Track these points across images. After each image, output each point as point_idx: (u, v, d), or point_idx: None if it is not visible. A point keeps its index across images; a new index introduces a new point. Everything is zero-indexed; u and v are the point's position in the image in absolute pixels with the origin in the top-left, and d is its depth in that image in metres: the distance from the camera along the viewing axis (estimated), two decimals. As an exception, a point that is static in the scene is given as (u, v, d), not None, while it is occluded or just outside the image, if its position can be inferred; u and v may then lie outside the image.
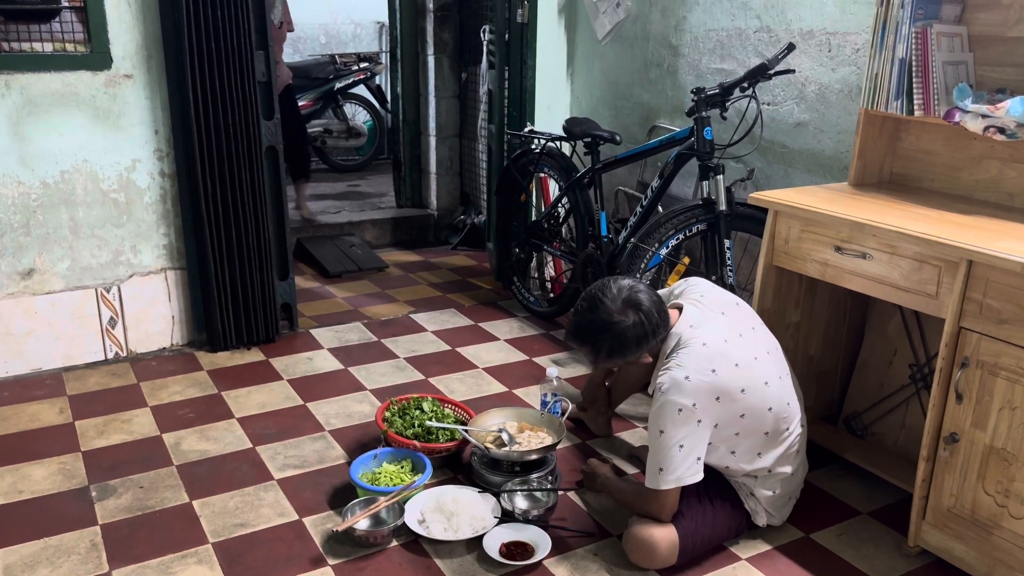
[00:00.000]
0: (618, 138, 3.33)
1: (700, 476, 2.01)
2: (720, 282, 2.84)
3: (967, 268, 1.93)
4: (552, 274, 4.10)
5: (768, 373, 2.09)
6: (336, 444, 2.67)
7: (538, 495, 2.32)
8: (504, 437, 2.46)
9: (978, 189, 2.40)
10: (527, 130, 3.84)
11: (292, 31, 4.91)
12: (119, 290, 3.19)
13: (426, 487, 2.33)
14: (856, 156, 2.55)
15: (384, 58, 6.57)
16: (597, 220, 3.38)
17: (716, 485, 2.13)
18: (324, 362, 3.30)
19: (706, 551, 2.13)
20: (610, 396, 2.74)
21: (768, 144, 3.07)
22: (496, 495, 2.29)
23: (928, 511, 2.10)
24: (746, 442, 2.08)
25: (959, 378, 1.98)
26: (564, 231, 3.81)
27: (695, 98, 2.88)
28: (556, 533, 2.19)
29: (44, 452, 2.58)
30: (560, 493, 2.37)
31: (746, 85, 2.80)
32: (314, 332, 3.59)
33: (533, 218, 3.99)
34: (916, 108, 2.30)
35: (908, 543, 2.16)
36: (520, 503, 2.29)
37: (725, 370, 1.99)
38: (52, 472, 2.47)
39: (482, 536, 2.14)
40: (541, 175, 3.93)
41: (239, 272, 3.24)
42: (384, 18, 5.46)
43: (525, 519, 2.21)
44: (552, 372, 2.74)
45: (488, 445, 2.43)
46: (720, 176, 2.84)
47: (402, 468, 2.39)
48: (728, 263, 2.85)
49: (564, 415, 2.62)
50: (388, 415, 2.62)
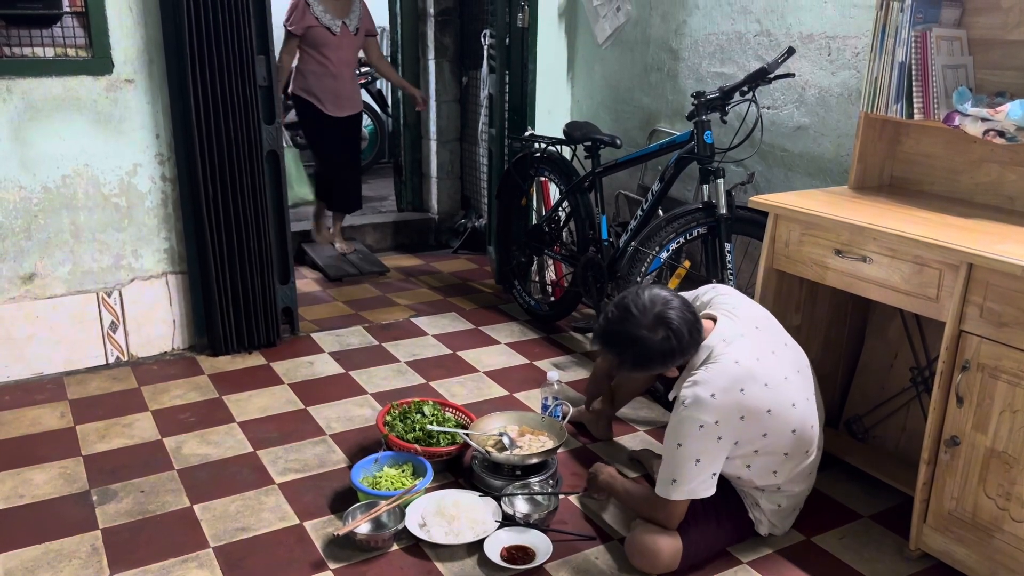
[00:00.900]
0: (618, 142, 3.33)
1: (713, 491, 2.00)
2: (721, 285, 2.83)
3: (967, 271, 1.93)
4: (553, 278, 4.10)
5: (796, 394, 2.06)
6: (337, 448, 2.67)
7: (539, 499, 2.32)
8: (505, 441, 2.46)
9: (978, 192, 2.41)
10: (528, 134, 3.85)
11: (374, 35, 4.48)
12: (120, 294, 3.19)
13: (427, 491, 2.33)
14: (856, 160, 2.56)
15: (385, 62, 6.57)
16: (598, 224, 3.39)
17: (722, 493, 2.11)
18: (325, 366, 3.30)
19: (708, 557, 2.13)
20: (613, 398, 2.73)
21: (768, 148, 3.07)
22: (497, 499, 2.29)
23: (929, 514, 2.10)
24: (764, 460, 2.06)
25: (960, 381, 1.98)
26: (565, 235, 3.81)
27: (695, 102, 2.89)
28: (557, 537, 2.19)
29: (45, 456, 2.58)
30: (561, 497, 2.37)
31: (746, 89, 2.80)
32: (315, 336, 3.59)
33: (534, 222, 3.99)
34: (916, 112, 2.30)
35: (909, 546, 2.16)
36: (521, 507, 2.29)
37: (753, 390, 1.95)
38: (53, 476, 2.47)
39: (483, 540, 2.14)
40: (542, 179, 3.94)
41: (240, 276, 3.24)
42: (385, 23, 5.47)
43: (526, 523, 2.21)
44: (553, 376, 2.74)
45: (489, 449, 2.43)
46: (720, 180, 2.85)
47: (403, 472, 2.39)
48: (729, 267, 2.85)
49: (565, 419, 2.62)
50: (389, 419, 2.62)
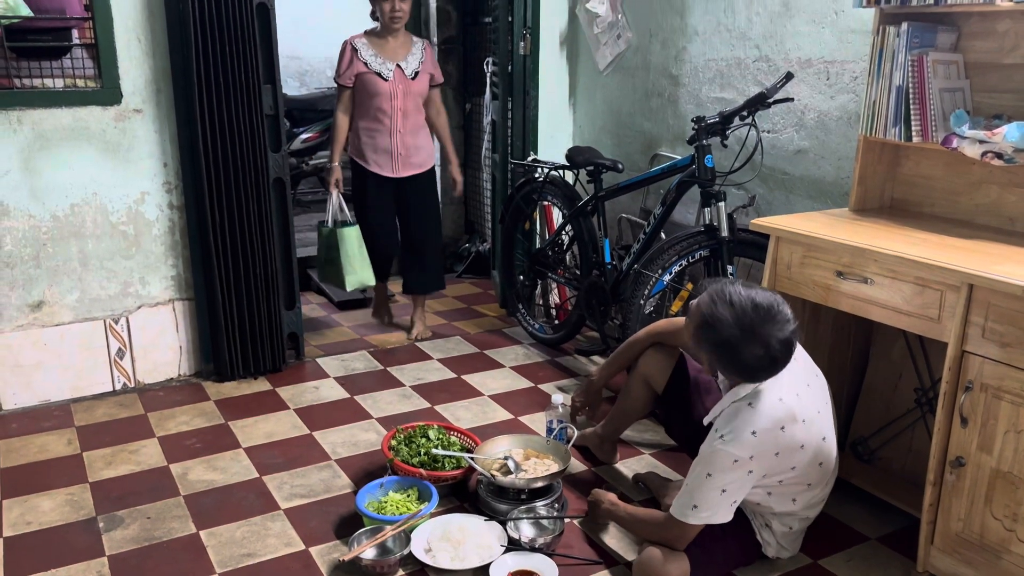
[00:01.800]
0: (620, 166, 3.37)
1: (730, 518, 2.00)
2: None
3: (968, 292, 1.94)
4: (556, 301, 4.12)
5: (826, 427, 2.06)
6: (342, 473, 2.68)
7: (544, 523, 2.31)
8: (510, 464, 2.46)
9: (978, 213, 2.42)
10: (530, 159, 3.89)
11: (438, 84, 3.71)
12: (127, 321, 3.22)
13: (432, 516, 2.33)
14: (856, 182, 2.58)
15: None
16: (601, 247, 3.41)
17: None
18: (330, 391, 3.31)
19: (714, 579, 2.12)
20: (614, 424, 2.73)
21: (769, 171, 3.10)
22: (502, 523, 2.29)
23: (936, 536, 2.10)
24: (787, 489, 2.06)
25: (963, 402, 1.98)
26: (568, 258, 3.83)
27: (696, 127, 2.92)
28: (563, 561, 2.19)
29: (52, 483, 2.59)
30: (567, 521, 2.36)
31: (746, 113, 2.83)
32: (320, 361, 3.60)
33: (537, 246, 4.02)
34: (914, 134, 2.33)
35: (917, 568, 2.15)
36: (527, 531, 2.29)
37: (792, 428, 1.95)
38: (60, 503, 2.48)
39: (489, 565, 2.14)
40: (545, 203, 3.97)
41: (247, 302, 3.27)
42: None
43: (532, 547, 2.21)
44: (557, 399, 2.74)
45: (494, 473, 2.43)
46: (722, 203, 2.87)
47: (408, 497, 2.39)
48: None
49: (570, 442, 2.62)
50: (394, 443, 2.62)
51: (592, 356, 3.68)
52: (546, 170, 3.66)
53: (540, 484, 2.39)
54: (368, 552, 2.16)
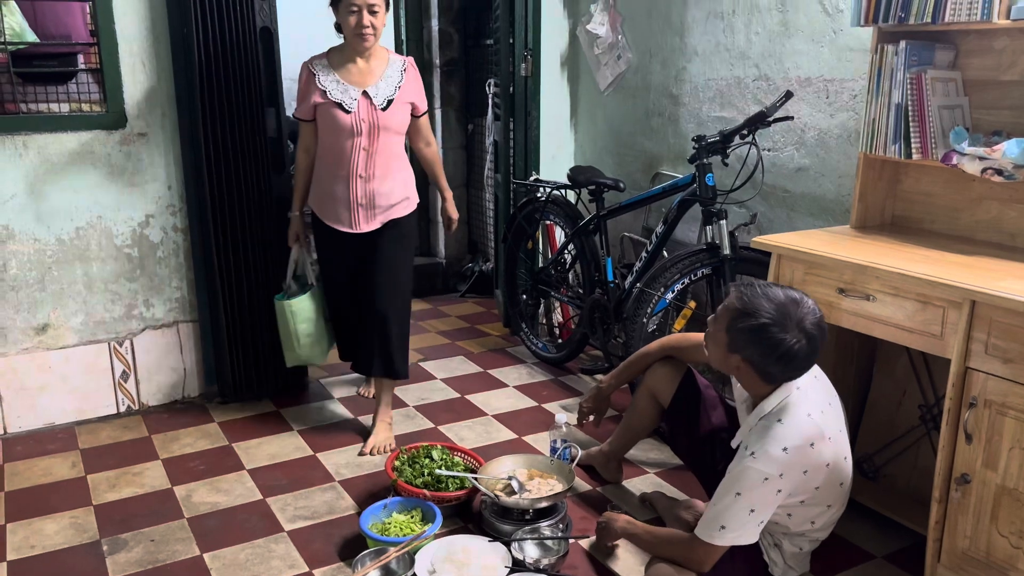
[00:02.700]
0: (622, 185, 3.38)
1: (756, 539, 1.98)
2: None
3: (970, 308, 1.94)
4: (560, 320, 4.12)
5: (845, 448, 2.06)
6: (346, 494, 2.67)
7: (549, 543, 2.30)
8: (514, 485, 2.46)
9: (979, 230, 2.43)
10: (532, 179, 3.91)
11: (421, 114, 2.96)
12: (132, 344, 3.22)
13: (436, 537, 2.32)
14: (857, 199, 2.59)
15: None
16: (603, 266, 3.42)
17: None
18: (334, 412, 3.31)
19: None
20: (620, 441, 2.72)
21: (770, 189, 3.11)
22: (507, 544, 2.28)
23: (943, 554, 2.08)
24: (807, 509, 2.05)
25: (968, 418, 1.97)
26: (571, 277, 3.84)
27: (696, 145, 2.94)
28: (568, 582, 2.18)
29: (56, 506, 2.59)
30: (571, 541, 2.35)
31: (746, 132, 2.85)
32: (324, 382, 3.60)
33: (540, 265, 4.03)
34: (914, 152, 2.34)
35: (924, 587, 2.14)
36: (531, 552, 2.28)
37: (820, 445, 1.94)
38: (64, 526, 2.48)
39: (493, 586, 2.13)
40: (547, 223, 3.98)
41: (251, 324, 3.28)
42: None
43: (536, 568, 2.20)
44: (561, 418, 2.74)
45: (498, 493, 2.42)
46: (723, 221, 2.88)
47: (412, 518, 2.39)
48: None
49: (574, 462, 2.61)
50: (398, 464, 2.62)
51: (596, 375, 3.67)
52: (548, 190, 3.67)
53: (544, 504, 2.39)
54: (372, 574, 2.15)
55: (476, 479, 2.48)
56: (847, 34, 2.77)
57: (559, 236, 4.01)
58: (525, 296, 3.99)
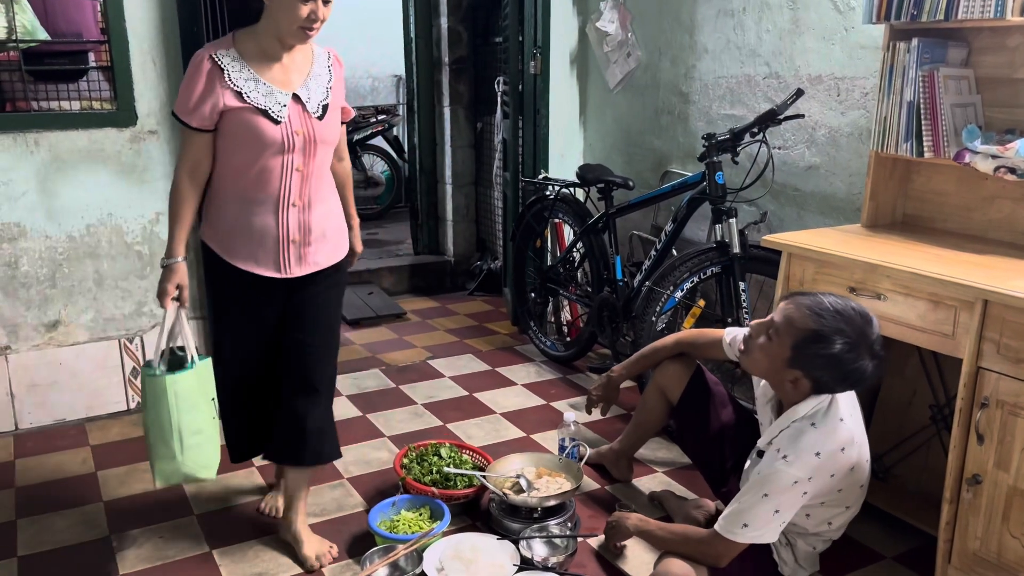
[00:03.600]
0: (631, 183, 3.37)
1: (776, 538, 1.98)
2: (736, 324, 2.84)
3: (983, 308, 1.93)
4: (568, 318, 4.12)
5: (867, 450, 2.05)
6: (355, 492, 2.68)
7: (557, 542, 2.30)
8: (522, 483, 2.46)
9: (991, 228, 2.41)
10: (541, 177, 3.91)
11: (347, 118, 2.33)
12: (142, 340, 3.24)
13: (444, 534, 2.32)
14: (868, 198, 2.57)
15: (401, 110, 6.71)
16: (612, 264, 3.41)
17: None
18: (342, 409, 3.31)
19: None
20: (631, 438, 2.72)
21: (780, 187, 3.10)
22: (515, 542, 2.28)
23: (954, 555, 2.07)
24: (827, 511, 2.05)
25: (979, 419, 1.96)
26: (579, 275, 3.83)
27: (706, 143, 2.93)
28: (576, 580, 2.17)
29: (67, 502, 2.60)
30: (580, 539, 2.35)
31: (756, 130, 2.84)
32: (333, 380, 3.61)
33: (549, 263, 4.02)
34: (926, 150, 2.32)
35: (935, 588, 2.13)
36: (539, 550, 2.28)
37: (850, 450, 1.95)
38: (74, 522, 2.49)
39: (501, 584, 2.13)
40: (556, 221, 3.98)
41: (259, 321, 3.25)
42: (401, 72, 5.60)
43: (544, 566, 2.20)
44: (570, 417, 2.74)
45: (506, 491, 2.42)
46: (733, 219, 2.87)
47: (420, 515, 2.39)
48: (744, 305, 2.86)
49: (582, 460, 2.61)
50: (406, 462, 2.62)
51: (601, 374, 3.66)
52: (557, 188, 3.67)
53: (553, 503, 2.38)
54: (380, 571, 2.15)
55: (484, 477, 2.48)
56: (859, 31, 2.76)
57: (568, 234, 4.00)
58: (533, 294, 3.99)
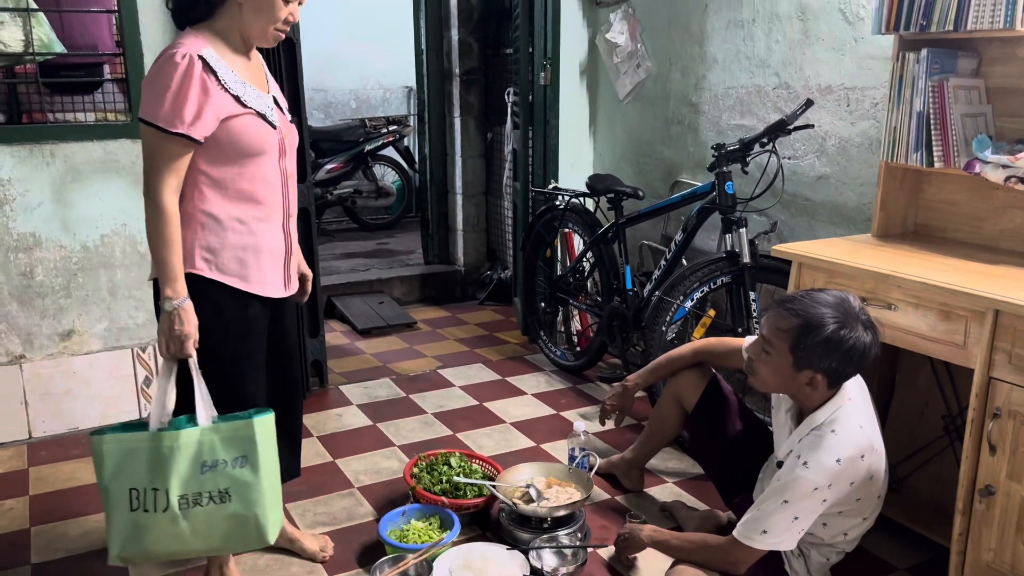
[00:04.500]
0: (641, 193, 3.38)
1: (794, 545, 1.97)
2: (749, 334, 2.84)
3: (994, 318, 1.92)
4: (578, 328, 4.12)
5: (885, 459, 2.05)
6: (365, 501, 2.68)
7: (567, 552, 2.30)
8: (532, 493, 2.46)
9: (1003, 238, 2.40)
10: (551, 187, 3.92)
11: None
12: (154, 349, 3.26)
13: (454, 544, 2.32)
14: (879, 208, 2.57)
15: (412, 121, 6.75)
16: (622, 274, 3.42)
17: None
18: (353, 418, 3.32)
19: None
20: (644, 447, 2.71)
21: (791, 197, 3.10)
22: (525, 552, 2.28)
23: (967, 566, 2.06)
24: (843, 521, 2.04)
25: (991, 429, 1.95)
26: (589, 285, 3.84)
27: (716, 153, 2.93)
28: (586, 590, 2.17)
29: (80, 511, 2.61)
30: (590, 550, 2.35)
31: (766, 140, 2.84)
32: (343, 388, 3.62)
33: (559, 273, 4.03)
34: (936, 160, 2.32)
35: (948, 600, 2.11)
36: (549, 560, 2.27)
37: (870, 457, 1.94)
38: (88, 531, 2.50)
39: (511, 594, 2.12)
40: (566, 230, 3.98)
41: (270, 330, 3.26)
42: (412, 83, 5.63)
43: (554, 576, 2.20)
44: (580, 426, 2.74)
45: (516, 501, 2.42)
46: (743, 229, 2.87)
47: (430, 525, 2.39)
48: (754, 315, 2.86)
49: (592, 470, 2.61)
50: (416, 471, 2.63)
51: (614, 383, 3.66)
52: (567, 198, 3.68)
53: (562, 513, 2.38)
54: (390, 580, 2.15)
55: (494, 487, 2.48)
56: (868, 42, 2.76)
57: (578, 244, 4.01)
58: (543, 304, 3.99)
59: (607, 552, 2.38)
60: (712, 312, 3.21)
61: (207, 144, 1.85)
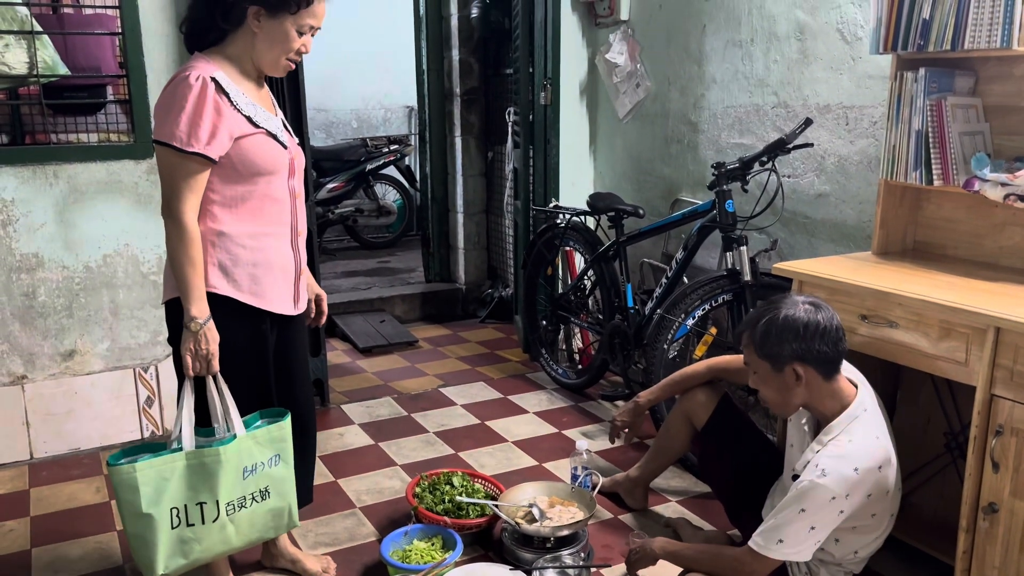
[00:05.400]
0: (641, 212, 3.39)
1: (809, 557, 1.97)
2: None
3: (995, 335, 1.92)
4: (580, 346, 4.12)
5: (900, 477, 2.05)
6: (367, 521, 2.67)
7: (570, 572, 2.29)
8: (535, 512, 2.45)
9: (1003, 256, 2.41)
10: (552, 206, 3.93)
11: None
12: (156, 369, 3.26)
13: (457, 564, 2.31)
14: (878, 225, 2.58)
15: (413, 140, 6.78)
16: (623, 292, 3.42)
17: None
18: (355, 438, 3.32)
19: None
20: (651, 465, 2.71)
21: (791, 215, 3.11)
22: (528, 572, 2.27)
23: (972, 585, 2.05)
24: (855, 537, 2.03)
25: (994, 446, 1.95)
26: (591, 303, 3.84)
27: (715, 172, 2.95)
28: (589, 611, 2.16)
29: (81, 531, 2.61)
30: (593, 570, 2.34)
31: (766, 159, 2.86)
32: (345, 408, 3.62)
33: (560, 291, 4.04)
34: (935, 178, 2.33)
35: (953, 619, 2.10)
36: (552, 580, 2.26)
37: (887, 470, 1.95)
38: (89, 551, 2.50)
39: (514, 614, 2.12)
40: (567, 249, 3.99)
41: (272, 350, 3.27)
42: (413, 103, 5.67)
43: (557, 596, 2.19)
44: (582, 445, 2.73)
45: (519, 521, 2.42)
46: (744, 247, 2.88)
47: (433, 545, 2.39)
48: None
49: (595, 489, 2.60)
50: (418, 491, 2.62)
51: (616, 401, 3.66)
52: (568, 216, 3.69)
53: (565, 532, 2.37)
54: (393, 601, 2.15)
55: (497, 506, 2.47)
56: (866, 61, 2.78)
57: (579, 262, 4.02)
58: (545, 322, 3.99)
59: (611, 572, 2.37)
60: (714, 330, 3.21)
61: (220, 164, 1.90)
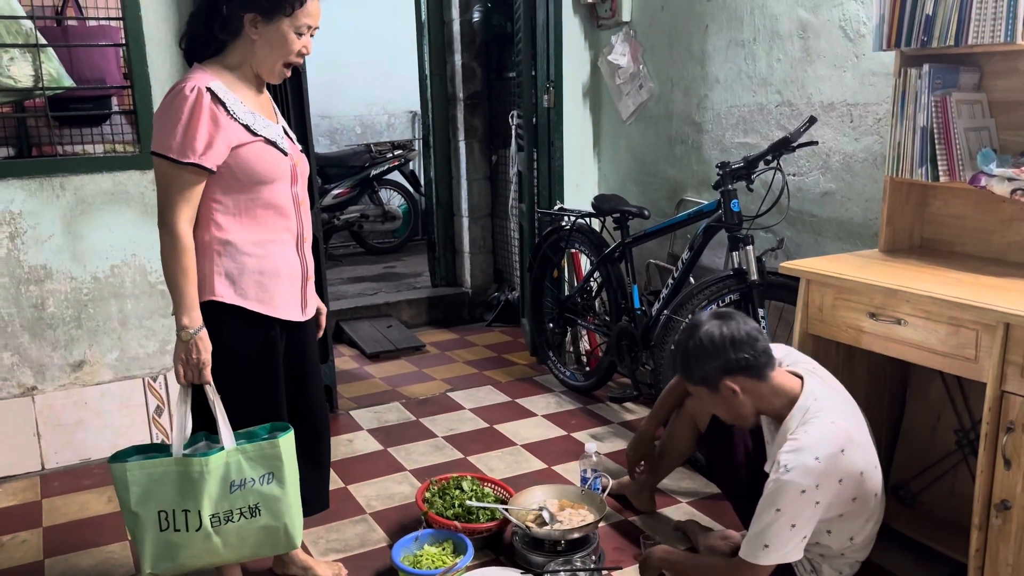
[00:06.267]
0: (646, 213, 3.39)
1: (801, 555, 1.97)
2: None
3: (1005, 331, 1.92)
4: (587, 348, 4.12)
5: (875, 456, 2.06)
6: (377, 526, 2.68)
7: (582, 575, 2.29)
8: (545, 515, 2.45)
9: (1011, 251, 2.40)
10: (557, 208, 3.93)
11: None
12: (165, 379, 3.27)
13: (468, 569, 2.31)
14: (885, 222, 2.57)
15: (417, 145, 6.80)
16: (629, 293, 3.42)
17: None
18: (364, 444, 3.32)
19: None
20: (657, 468, 2.71)
21: (796, 214, 3.10)
22: (539, 575, 2.27)
23: (985, 583, 2.04)
24: (846, 525, 2.04)
25: (1006, 443, 1.94)
26: (597, 305, 3.84)
27: (720, 172, 2.94)
28: (601, 614, 2.16)
29: (92, 542, 2.61)
30: (604, 572, 2.34)
31: (770, 158, 2.85)
32: (354, 413, 3.62)
33: (566, 293, 4.03)
34: (941, 174, 2.32)
35: (967, 617, 2.09)
36: (563, 583, 2.26)
37: (851, 452, 1.96)
38: (100, 561, 2.50)
39: (526, 618, 2.11)
40: (572, 251, 3.99)
41: (280, 357, 3.27)
42: (417, 108, 5.68)
43: (569, 600, 2.18)
44: (591, 448, 2.73)
45: (529, 524, 2.41)
46: (750, 247, 2.87)
47: (443, 550, 2.39)
48: (763, 332, 2.85)
49: (605, 491, 2.60)
50: (428, 496, 2.62)
51: (624, 403, 3.66)
52: (573, 218, 3.69)
53: (576, 535, 2.37)
54: (405, 607, 2.14)
55: (507, 510, 2.47)
56: (869, 59, 2.78)
57: (584, 264, 4.02)
58: (552, 325, 3.99)
59: (621, 575, 2.36)
60: (721, 330, 3.20)
61: (220, 173, 1.91)
